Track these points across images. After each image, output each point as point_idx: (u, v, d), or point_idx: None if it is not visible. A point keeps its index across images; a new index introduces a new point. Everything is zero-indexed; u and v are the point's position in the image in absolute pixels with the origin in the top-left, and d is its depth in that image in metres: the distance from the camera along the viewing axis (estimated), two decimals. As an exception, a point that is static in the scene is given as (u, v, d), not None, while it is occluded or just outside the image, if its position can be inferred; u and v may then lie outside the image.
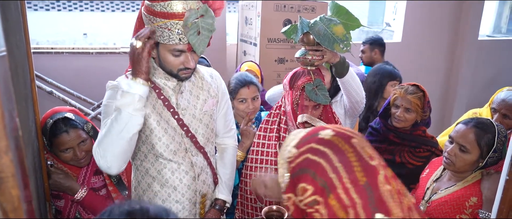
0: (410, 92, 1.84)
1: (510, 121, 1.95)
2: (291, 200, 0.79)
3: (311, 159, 0.76)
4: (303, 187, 0.76)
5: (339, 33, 1.51)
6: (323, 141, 0.77)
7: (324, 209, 0.73)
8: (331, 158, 0.75)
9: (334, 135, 0.78)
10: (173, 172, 1.44)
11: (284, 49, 3.23)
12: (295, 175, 0.78)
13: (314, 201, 0.74)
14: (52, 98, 3.02)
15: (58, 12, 10.73)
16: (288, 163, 0.80)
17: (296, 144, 0.81)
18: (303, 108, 1.62)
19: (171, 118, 1.40)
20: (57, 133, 1.50)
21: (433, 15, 4.62)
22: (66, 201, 1.61)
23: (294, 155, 0.79)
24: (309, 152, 0.77)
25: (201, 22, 1.25)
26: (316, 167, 0.75)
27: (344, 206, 0.71)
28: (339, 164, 0.74)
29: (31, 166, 1.10)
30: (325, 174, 0.74)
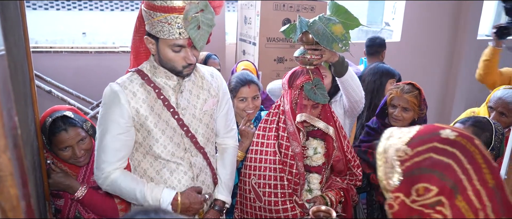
0: (407, 91, 1.85)
1: (507, 118, 1.96)
2: (399, 199, 0.77)
3: (437, 159, 0.74)
4: (424, 187, 0.74)
5: (338, 32, 1.51)
6: (449, 141, 0.75)
7: (449, 210, 0.71)
8: (461, 159, 0.73)
9: (458, 135, 0.76)
10: (171, 172, 1.44)
11: (283, 48, 3.23)
12: (411, 174, 0.76)
13: (437, 202, 0.73)
14: (51, 98, 3.02)
15: (57, 11, 10.70)
16: (401, 162, 0.77)
17: (408, 143, 0.78)
18: (302, 107, 1.62)
19: (171, 118, 1.39)
20: (56, 131, 1.50)
21: (432, 15, 4.62)
22: (66, 200, 1.61)
23: (408, 154, 0.77)
24: (433, 151, 0.75)
25: (201, 17, 1.25)
26: (444, 167, 0.73)
27: (474, 209, 0.70)
28: (469, 165, 0.73)
29: (30, 165, 1.10)
30: (455, 174, 0.72)
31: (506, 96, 1.97)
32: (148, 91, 1.37)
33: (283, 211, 1.63)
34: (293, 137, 1.63)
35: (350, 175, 1.80)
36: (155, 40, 1.31)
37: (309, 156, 1.71)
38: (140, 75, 1.38)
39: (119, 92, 1.33)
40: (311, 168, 1.72)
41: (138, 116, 1.35)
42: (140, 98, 1.35)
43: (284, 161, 1.66)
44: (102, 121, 1.36)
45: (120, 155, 1.37)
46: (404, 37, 4.61)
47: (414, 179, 0.75)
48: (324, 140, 1.72)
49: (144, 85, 1.37)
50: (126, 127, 1.35)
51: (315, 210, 1.24)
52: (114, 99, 1.33)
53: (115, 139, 1.34)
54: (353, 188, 1.82)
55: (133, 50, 1.49)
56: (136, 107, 1.35)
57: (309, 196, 1.71)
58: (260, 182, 1.66)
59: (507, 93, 1.99)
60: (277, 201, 1.64)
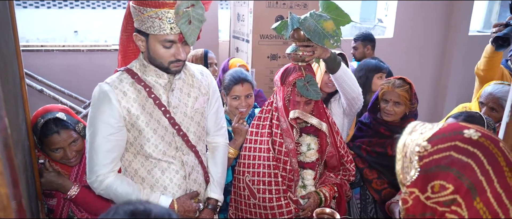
0: (398, 85, 1.87)
1: (497, 113, 1.98)
2: (413, 195, 0.76)
3: (457, 157, 0.72)
4: (440, 185, 0.73)
5: (329, 28, 1.51)
6: (471, 141, 0.73)
7: (465, 211, 0.70)
8: (481, 159, 0.71)
9: (481, 136, 0.74)
10: (163, 172, 1.43)
11: (276, 45, 3.23)
12: (429, 171, 0.74)
13: (452, 200, 0.71)
14: (43, 97, 2.99)
15: (47, 10, 10.59)
16: (420, 157, 0.76)
17: (429, 138, 0.77)
18: (294, 104, 1.62)
19: (163, 117, 1.38)
20: (48, 134, 1.49)
21: (425, 11, 4.65)
22: (59, 199, 1.60)
23: (428, 151, 0.75)
24: (453, 149, 0.73)
25: (192, 12, 1.25)
26: (463, 166, 0.71)
27: (494, 212, 0.68)
28: (489, 166, 0.70)
29: (21, 164, 1.09)
30: (474, 175, 0.70)
31: (496, 91, 1.99)
32: (139, 90, 1.35)
33: (278, 207, 1.64)
34: (287, 134, 1.64)
35: (343, 171, 1.81)
36: (145, 36, 1.30)
37: (303, 152, 1.72)
38: (130, 74, 1.36)
39: (109, 92, 1.31)
40: (304, 164, 1.72)
41: (129, 115, 1.34)
42: (130, 98, 1.34)
43: (278, 158, 1.66)
44: (92, 122, 1.33)
45: (112, 156, 1.35)
46: (396, 34, 4.64)
47: (431, 176, 0.74)
48: (317, 136, 1.72)
49: (134, 84, 1.35)
50: (118, 127, 1.33)
51: (319, 212, 1.24)
52: (104, 99, 1.31)
53: (106, 139, 1.32)
54: (346, 183, 1.83)
55: (121, 50, 1.48)
56: (127, 107, 1.33)
57: (303, 192, 1.72)
58: (254, 179, 1.67)
59: (497, 88, 2.01)
60: (272, 198, 1.64)
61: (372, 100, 2.01)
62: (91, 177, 1.35)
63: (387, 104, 1.89)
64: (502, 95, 1.96)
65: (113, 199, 1.39)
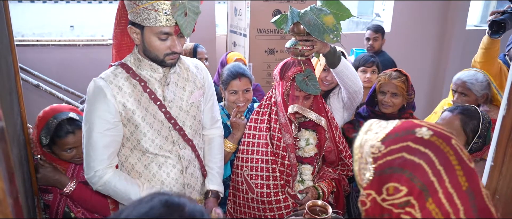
0: (394, 77, 1.90)
1: (468, 98, 2.00)
2: (371, 196, 0.76)
3: (408, 159, 0.72)
4: (394, 187, 0.72)
5: (329, 23, 1.50)
6: (423, 141, 0.73)
7: (419, 213, 0.69)
8: (433, 160, 0.71)
9: (433, 134, 0.74)
10: (160, 166, 1.42)
11: (274, 40, 3.21)
12: (383, 172, 0.74)
13: (406, 202, 0.71)
14: (39, 92, 2.97)
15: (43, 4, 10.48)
16: (374, 159, 0.76)
17: (382, 139, 0.76)
18: (293, 98, 1.61)
19: (158, 111, 1.38)
20: (62, 135, 1.49)
21: (422, 6, 4.65)
22: (55, 195, 1.59)
23: (381, 152, 0.75)
24: (405, 150, 0.73)
25: (188, 4, 1.24)
26: (414, 168, 0.71)
27: (445, 212, 0.68)
28: (441, 166, 0.70)
29: (17, 159, 1.08)
30: (426, 176, 0.70)
31: (463, 76, 2.02)
32: (134, 85, 1.35)
33: (276, 202, 1.64)
34: (285, 128, 1.63)
35: (341, 166, 1.81)
36: (140, 29, 1.28)
37: (301, 147, 1.71)
38: (125, 69, 1.35)
39: (104, 87, 1.30)
40: (303, 159, 1.72)
41: (125, 110, 1.33)
42: (126, 93, 1.33)
43: (276, 153, 1.66)
44: (88, 117, 1.32)
45: (109, 151, 1.34)
46: (394, 28, 4.64)
47: (385, 178, 0.74)
48: (316, 130, 1.72)
49: (129, 78, 1.35)
50: (114, 122, 1.32)
51: (311, 204, 1.23)
52: (99, 94, 1.30)
53: (102, 135, 1.31)
54: (345, 178, 1.83)
55: (115, 43, 1.47)
56: (123, 102, 1.32)
57: (301, 187, 1.72)
58: (253, 174, 1.66)
59: (463, 73, 2.04)
60: (270, 193, 1.64)
61: (369, 93, 2.01)
62: (89, 173, 1.34)
63: (385, 96, 1.91)
64: (469, 79, 1.99)
65: (112, 195, 1.38)
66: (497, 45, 2.29)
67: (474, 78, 1.99)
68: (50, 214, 1.61)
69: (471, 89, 1.99)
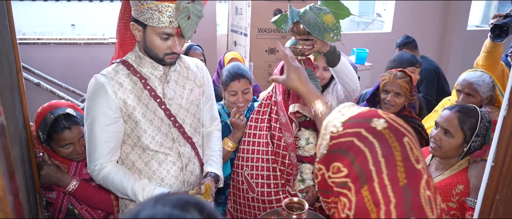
0: (399, 77, 1.90)
1: (474, 99, 1.99)
2: (321, 171, 0.80)
3: (356, 144, 0.74)
4: (337, 167, 0.76)
5: (329, 22, 1.50)
6: (374, 131, 0.75)
7: (354, 196, 0.72)
8: (377, 150, 0.73)
9: (386, 127, 0.75)
10: (160, 163, 1.43)
11: (275, 39, 3.22)
12: (333, 151, 0.77)
13: (344, 183, 0.74)
14: (40, 90, 2.98)
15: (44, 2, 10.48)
16: (330, 137, 0.79)
17: (344, 121, 0.79)
18: (294, 98, 1.61)
19: (158, 108, 1.39)
20: (59, 130, 1.49)
21: (423, 6, 4.64)
22: (58, 192, 1.59)
23: (338, 132, 0.78)
24: (356, 136, 0.75)
25: (192, 7, 1.26)
26: (358, 153, 0.74)
27: (376, 201, 0.69)
28: (382, 158, 0.72)
29: (18, 157, 1.08)
30: (366, 164, 0.72)
31: (469, 77, 2.01)
32: (135, 82, 1.36)
33: (276, 201, 1.64)
34: (286, 128, 1.64)
35: (342, 165, 1.81)
36: (142, 27, 1.30)
37: (302, 147, 1.71)
38: (126, 66, 1.37)
39: (105, 84, 1.32)
40: (303, 158, 1.72)
41: (125, 106, 1.34)
42: (127, 89, 1.34)
43: (276, 152, 1.66)
44: (89, 113, 1.33)
45: (110, 146, 1.36)
46: (395, 28, 4.64)
47: (334, 157, 0.77)
48: (316, 130, 1.72)
49: (130, 75, 1.36)
50: (114, 118, 1.34)
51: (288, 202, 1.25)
52: (101, 90, 1.31)
53: (104, 130, 1.33)
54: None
55: (118, 38, 1.48)
56: (124, 98, 1.34)
57: (302, 186, 1.72)
58: (253, 173, 1.67)
59: (470, 74, 2.03)
60: (270, 192, 1.64)
61: (371, 91, 2.01)
62: (90, 167, 1.37)
63: (388, 95, 1.91)
64: (476, 80, 1.98)
65: (110, 188, 1.40)
66: (500, 49, 2.28)
67: (481, 79, 1.98)
68: (53, 211, 1.61)
69: (477, 91, 1.98)
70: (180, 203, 0.62)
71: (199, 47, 2.55)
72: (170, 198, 0.63)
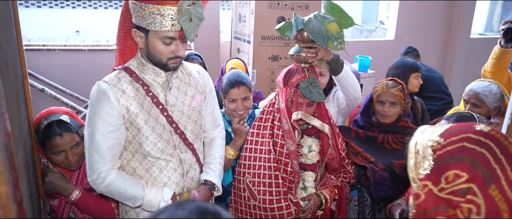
0: (392, 86, 1.90)
1: (480, 109, 1.98)
2: (426, 188, 0.77)
3: (470, 147, 0.74)
4: (454, 174, 0.74)
5: (333, 30, 1.50)
6: (483, 133, 0.76)
7: (482, 199, 0.71)
8: (494, 149, 0.73)
9: (492, 129, 0.77)
10: (161, 170, 1.43)
11: (278, 46, 3.23)
12: (443, 162, 0.76)
13: (467, 189, 0.72)
14: (44, 96, 2.99)
15: (50, 9, 10.60)
16: (433, 150, 0.77)
17: (442, 134, 0.79)
18: (297, 105, 1.61)
19: (160, 115, 1.39)
20: (51, 136, 1.47)
21: (426, 14, 4.65)
22: (60, 200, 1.59)
23: (441, 144, 0.77)
24: (466, 141, 0.75)
25: (193, 10, 1.27)
26: (477, 155, 0.73)
27: (507, 199, 0.69)
28: (502, 156, 0.72)
29: (22, 163, 1.09)
30: (488, 163, 0.72)
31: (476, 87, 2.00)
32: (137, 89, 1.36)
33: (278, 209, 1.63)
34: (288, 135, 1.63)
35: (344, 173, 1.80)
36: (144, 33, 1.30)
37: (304, 154, 1.71)
38: (128, 73, 1.37)
39: (107, 91, 1.31)
40: (305, 166, 1.72)
41: (128, 113, 1.34)
42: (129, 96, 1.34)
43: (279, 159, 1.66)
44: (91, 120, 1.32)
45: (112, 153, 1.35)
46: (398, 36, 4.64)
47: (445, 167, 0.75)
48: (318, 137, 1.72)
49: (132, 82, 1.36)
50: (117, 125, 1.33)
51: None
52: (103, 97, 1.31)
53: (105, 137, 1.32)
54: (347, 186, 1.83)
55: (118, 47, 1.48)
56: (126, 105, 1.33)
57: (304, 194, 1.72)
58: (255, 181, 1.66)
59: (477, 84, 2.02)
60: (272, 200, 1.64)
61: (365, 103, 2.00)
62: (92, 175, 1.34)
63: (384, 106, 1.89)
64: (482, 90, 1.97)
65: (115, 196, 1.38)
66: (508, 56, 2.27)
67: (487, 90, 1.97)
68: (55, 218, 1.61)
69: (484, 101, 1.96)
70: (199, 210, 0.63)
71: (197, 57, 2.52)
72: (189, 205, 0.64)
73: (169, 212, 0.63)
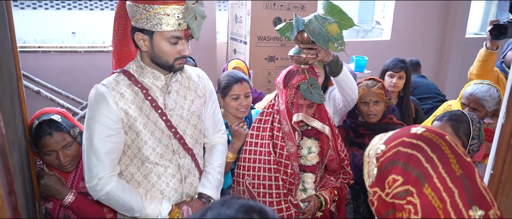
0: (372, 85, 1.97)
1: (479, 113, 1.97)
2: (376, 194, 0.81)
3: (403, 151, 0.77)
4: (392, 179, 0.77)
5: (334, 32, 1.50)
6: (416, 135, 0.78)
7: (417, 199, 0.73)
8: (425, 149, 0.75)
9: (426, 130, 0.79)
10: (159, 176, 1.41)
11: (274, 47, 3.23)
12: (383, 168, 0.79)
13: (404, 191, 0.75)
14: (40, 98, 2.98)
15: (45, 11, 10.55)
16: (377, 159, 0.81)
17: (385, 141, 0.82)
18: (298, 107, 1.60)
19: (159, 119, 1.37)
20: (41, 135, 1.45)
21: (422, 14, 4.67)
22: (55, 203, 1.57)
23: (382, 151, 0.81)
24: (400, 145, 0.78)
25: (197, 8, 1.27)
26: (407, 158, 0.75)
27: (440, 195, 0.71)
28: (433, 154, 0.74)
29: (17, 165, 1.08)
30: (419, 163, 0.74)
31: (476, 91, 1.99)
32: (136, 92, 1.34)
33: (278, 211, 1.62)
34: (288, 137, 1.62)
35: (343, 174, 1.80)
36: (148, 35, 1.28)
37: (303, 156, 1.70)
38: (127, 76, 1.35)
39: (106, 94, 1.29)
40: (305, 167, 1.71)
41: (127, 117, 1.32)
42: (128, 99, 1.32)
43: (279, 161, 1.65)
44: (90, 124, 1.30)
45: (111, 157, 1.32)
46: (394, 36, 4.66)
47: (385, 173, 0.78)
48: (318, 139, 1.71)
49: (131, 86, 1.34)
50: (116, 129, 1.31)
51: None
52: (101, 101, 1.29)
53: (104, 141, 1.29)
54: (346, 187, 1.82)
55: (114, 54, 1.47)
56: (125, 109, 1.31)
57: (304, 196, 1.71)
58: (255, 182, 1.65)
59: (477, 88, 2.01)
60: (272, 201, 1.63)
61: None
62: (91, 181, 1.30)
63: (368, 106, 1.95)
64: (483, 95, 1.97)
65: (113, 205, 1.35)
66: (494, 58, 2.28)
67: (487, 94, 1.96)
68: None
69: (484, 106, 1.96)
70: (245, 208, 0.65)
71: (190, 59, 2.54)
72: (235, 202, 0.66)
73: (215, 210, 0.65)
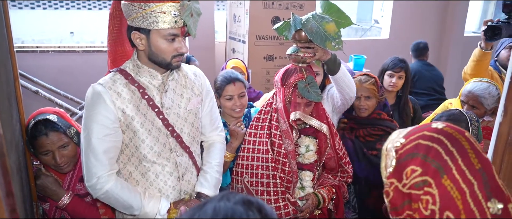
0: (364, 81, 1.99)
1: (478, 111, 1.98)
2: (393, 185, 0.83)
3: (423, 144, 0.79)
4: (411, 169, 0.79)
5: (331, 31, 1.50)
6: (436, 130, 0.81)
7: (436, 189, 0.75)
8: (445, 142, 0.77)
9: (446, 126, 0.82)
10: (157, 175, 1.41)
11: (272, 46, 3.23)
12: (402, 160, 0.81)
13: (422, 182, 0.77)
14: (38, 98, 2.97)
15: (43, 10, 10.54)
16: (396, 151, 0.84)
17: (404, 135, 0.85)
18: (295, 105, 1.60)
19: (156, 118, 1.37)
20: (37, 135, 1.44)
21: (420, 12, 4.68)
22: (51, 204, 1.56)
23: (402, 143, 0.83)
24: (421, 138, 0.80)
25: (192, 5, 1.28)
26: (427, 150, 0.78)
27: (460, 188, 0.73)
28: (453, 148, 0.76)
29: (14, 165, 1.08)
30: (439, 156, 0.76)
31: (475, 89, 2.00)
32: (133, 91, 1.34)
33: (276, 209, 1.63)
34: (286, 135, 1.63)
35: (341, 172, 1.80)
36: (145, 33, 1.28)
37: (301, 154, 1.70)
38: (123, 75, 1.35)
39: (103, 93, 1.29)
40: (303, 165, 1.71)
41: (124, 116, 1.32)
42: (125, 99, 1.32)
43: (276, 159, 1.65)
44: (87, 123, 1.30)
45: (109, 156, 1.32)
46: (392, 34, 4.66)
47: (404, 164, 0.81)
48: (316, 137, 1.72)
49: (128, 85, 1.34)
50: (113, 128, 1.31)
51: None
52: (98, 100, 1.29)
53: (102, 140, 1.29)
54: (344, 185, 1.82)
55: (110, 54, 1.47)
56: (122, 108, 1.31)
57: (302, 194, 1.71)
58: (253, 181, 1.65)
59: (476, 86, 2.02)
60: (270, 199, 1.63)
61: None
62: (90, 180, 1.30)
63: (360, 101, 1.98)
64: (481, 93, 1.98)
65: (113, 203, 1.36)
66: (488, 58, 2.29)
67: (487, 92, 1.97)
68: None
69: (482, 103, 1.97)
70: (243, 201, 0.66)
71: (195, 59, 2.59)
72: (234, 196, 0.68)
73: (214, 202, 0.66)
